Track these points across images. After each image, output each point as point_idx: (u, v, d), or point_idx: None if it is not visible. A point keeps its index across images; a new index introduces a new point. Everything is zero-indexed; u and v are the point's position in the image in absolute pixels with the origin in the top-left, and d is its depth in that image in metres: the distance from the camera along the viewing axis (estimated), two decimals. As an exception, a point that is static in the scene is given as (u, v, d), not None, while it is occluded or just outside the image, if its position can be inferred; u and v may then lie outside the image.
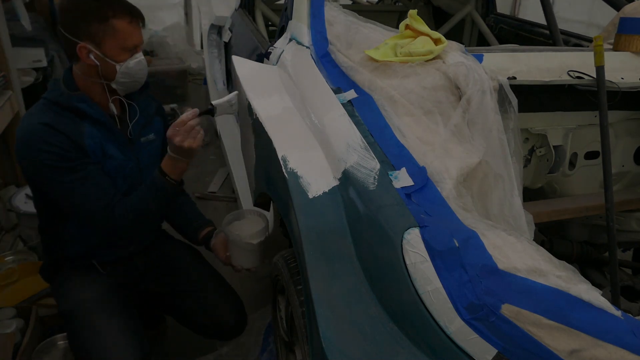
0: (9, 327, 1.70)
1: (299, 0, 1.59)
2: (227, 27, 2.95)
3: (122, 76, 1.39)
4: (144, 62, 1.43)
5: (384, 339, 0.95)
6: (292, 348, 1.46)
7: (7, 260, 2.19)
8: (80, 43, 1.33)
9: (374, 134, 1.13)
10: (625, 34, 1.54)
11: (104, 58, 1.35)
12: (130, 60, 1.38)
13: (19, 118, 2.69)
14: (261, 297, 2.17)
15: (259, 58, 1.83)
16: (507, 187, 1.13)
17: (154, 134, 1.60)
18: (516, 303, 0.82)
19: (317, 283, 1.01)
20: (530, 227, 1.13)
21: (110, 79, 1.39)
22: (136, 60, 1.39)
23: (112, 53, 1.35)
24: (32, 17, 3.16)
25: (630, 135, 1.61)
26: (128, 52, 1.37)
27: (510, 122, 1.21)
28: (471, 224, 0.93)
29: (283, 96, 1.38)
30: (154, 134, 1.60)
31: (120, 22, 1.34)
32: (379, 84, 1.24)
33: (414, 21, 1.37)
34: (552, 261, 0.89)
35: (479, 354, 0.84)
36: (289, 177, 1.10)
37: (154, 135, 1.60)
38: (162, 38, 5.22)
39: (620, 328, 0.82)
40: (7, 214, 2.59)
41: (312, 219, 1.05)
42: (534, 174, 1.58)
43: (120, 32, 1.34)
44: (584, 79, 1.36)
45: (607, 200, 1.24)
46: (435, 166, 1.05)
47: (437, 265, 0.88)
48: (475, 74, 1.21)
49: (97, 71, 1.37)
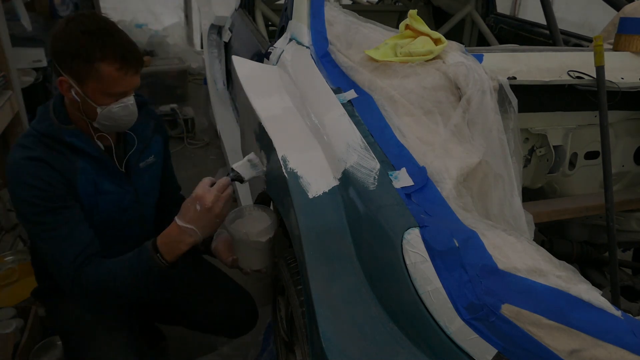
0: (8, 327, 1.70)
1: (299, 0, 1.59)
2: (227, 27, 2.95)
3: (103, 119, 1.27)
4: (131, 108, 1.29)
5: (384, 339, 0.95)
6: (292, 348, 1.46)
7: (7, 260, 2.19)
8: (62, 76, 1.23)
9: (374, 134, 1.13)
10: (625, 34, 1.54)
11: (84, 97, 1.23)
12: (114, 105, 1.25)
13: (19, 118, 2.70)
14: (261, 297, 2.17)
15: (259, 58, 1.83)
16: (507, 187, 1.13)
17: (153, 155, 1.51)
18: (516, 303, 0.82)
19: (317, 283, 1.01)
20: (530, 227, 1.13)
21: (91, 118, 1.28)
22: (121, 106, 1.26)
23: (93, 96, 1.23)
24: (32, 17, 3.16)
25: (630, 135, 1.61)
26: (112, 97, 1.24)
27: (510, 122, 1.21)
28: (471, 224, 0.93)
29: (283, 96, 1.38)
30: (154, 155, 1.51)
31: (108, 68, 1.19)
32: (379, 84, 1.24)
33: (414, 21, 1.37)
34: (552, 261, 0.89)
35: (479, 354, 0.84)
36: (289, 177, 1.10)
37: (154, 157, 1.51)
38: (162, 38, 5.22)
39: (620, 328, 0.82)
40: (7, 214, 2.60)
41: (312, 219, 1.05)
42: (534, 174, 1.58)
43: (104, 78, 1.20)
44: (584, 79, 1.36)
45: (607, 200, 1.24)
46: (435, 166, 1.05)
47: (437, 265, 0.88)
48: (475, 74, 1.21)
49: (78, 107, 1.27)
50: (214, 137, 3.82)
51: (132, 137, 1.44)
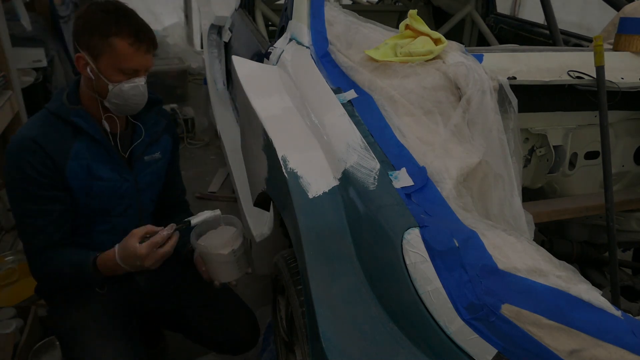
0: (8, 327, 1.70)
1: (299, 0, 1.59)
2: (227, 27, 2.95)
3: (114, 97, 1.32)
4: (141, 89, 1.34)
5: (384, 339, 0.95)
6: (292, 348, 1.46)
7: (7, 260, 2.19)
8: (79, 53, 1.30)
9: (374, 134, 1.13)
10: (625, 34, 1.54)
11: (98, 74, 1.30)
12: (125, 83, 1.30)
13: (19, 118, 2.70)
14: (261, 297, 2.17)
15: (259, 58, 1.82)
16: (507, 187, 1.13)
17: (159, 152, 1.54)
18: (516, 303, 0.82)
19: (317, 283, 1.01)
20: (530, 227, 1.13)
21: (103, 96, 1.33)
22: (131, 85, 1.31)
23: (107, 71, 1.30)
24: (32, 17, 3.16)
25: (630, 135, 1.61)
26: (124, 75, 1.30)
27: (510, 122, 1.21)
28: (471, 224, 0.93)
29: (283, 96, 1.38)
30: (160, 152, 1.54)
31: (121, 42, 1.27)
32: (379, 84, 1.24)
33: (414, 21, 1.37)
34: (552, 261, 0.89)
35: (479, 354, 0.84)
36: (289, 177, 1.10)
37: (160, 154, 1.54)
38: (162, 38, 5.22)
39: (620, 328, 0.82)
40: (7, 214, 2.59)
41: (312, 219, 1.05)
42: (534, 174, 1.58)
43: (118, 52, 1.27)
44: (584, 79, 1.36)
45: (607, 200, 1.24)
46: (435, 166, 1.05)
47: (437, 265, 0.88)
48: (475, 74, 1.21)
49: (92, 85, 1.33)
50: (214, 137, 3.82)
51: (140, 128, 1.47)
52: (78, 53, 1.31)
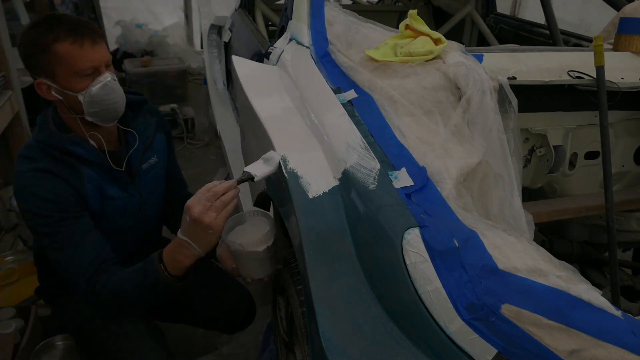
0: (8, 327, 1.70)
1: (299, 0, 1.59)
2: (227, 27, 2.95)
3: (89, 106, 1.23)
4: (111, 85, 1.25)
5: (384, 339, 0.95)
6: (292, 348, 1.46)
7: (7, 260, 2.20)
8: (36, 79, 1.23)
9: (374, 134, 1.13)
10: (625, 34, 1.54)
11: (62, 91, 1.22)
12: (91, 86, 1.22)
13: (19, 118, 2.70)
14: (261, 297, 2.17)
15: (259, 58, 1.83)
16: (507, 187, 1.13)
17: (156, 156, 1.49)
18: (516, 303, 0.82)
19: (317, 283, 1.01)
20: (530, 227, 1.13)
21: (80, 111, 1.25)
22: (99, 85, 1.22)
23: (68, 83, 1.21)
24: (32, 17, 3.16)
25: (630, 135, 1.61)
26: (85, 78, 1.22)
27: (510, 122, 1.21)
28: (471, 224, 0.93)
29: (283, 96, 1.38)
30: (156, 155, 1.49)
31: (63, 45, 1.19)
32: (379, 84, 1.24)
33: (414, 21, 1.37)
34: (552, 261, 0.89)
35: (479, 354, 0.84)
36: (289, 177, 1.10)
37: (156, 157, 1.49)
38: (162, 38, 5.22)
39: (620, 328, 0.82)
40: (7, 214, 2.60)
41: (312, 219, 1.05)
42: (534, 174, 1.58)
43: (65, 57, 1.19)
44: (584, 79, 1.36)
45: (607, 200, 1.24)
46: (435, 166, 1.05)
47: (437, 265, 0.88)
48: (475, 74, 1.21)
49: (65, 106, 1.26)
50: (214, 137, 3.82)
51: (133, 135, 1.42)
52: (36, 80, 1.24)
